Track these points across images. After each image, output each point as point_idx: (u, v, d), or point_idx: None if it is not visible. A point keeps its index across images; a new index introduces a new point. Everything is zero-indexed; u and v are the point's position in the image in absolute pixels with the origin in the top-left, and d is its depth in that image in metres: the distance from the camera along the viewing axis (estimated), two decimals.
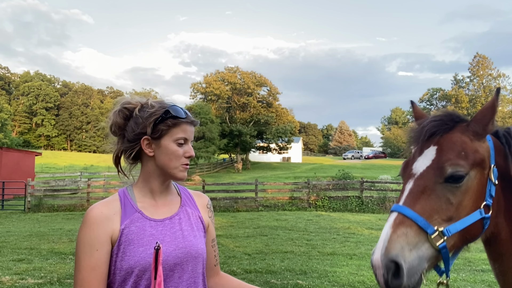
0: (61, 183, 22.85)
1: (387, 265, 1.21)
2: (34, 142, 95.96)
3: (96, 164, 62.92)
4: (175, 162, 1.43)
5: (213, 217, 1.66)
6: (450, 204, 1.27)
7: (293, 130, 56.31)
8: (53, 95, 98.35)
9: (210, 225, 1.61)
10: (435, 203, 1.27)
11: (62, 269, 6.58)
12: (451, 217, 1.27)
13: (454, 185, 1.28)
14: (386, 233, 1.25)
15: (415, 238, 1.23)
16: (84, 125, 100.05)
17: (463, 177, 1.28)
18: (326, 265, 7.06)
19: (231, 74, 54.83)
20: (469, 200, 1.29)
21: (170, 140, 1.42)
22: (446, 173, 1.28)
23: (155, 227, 1.40)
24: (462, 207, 1.28)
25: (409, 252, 1.22)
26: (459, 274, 6.51)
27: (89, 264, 1.31)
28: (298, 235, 10.23)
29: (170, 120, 1.42)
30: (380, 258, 1.22)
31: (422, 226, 1.23)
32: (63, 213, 15.97)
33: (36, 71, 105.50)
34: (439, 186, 1.28)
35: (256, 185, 17.71)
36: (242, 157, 54.29)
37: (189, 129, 1.46)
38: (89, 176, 27.01)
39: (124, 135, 1.46)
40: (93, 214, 1.36)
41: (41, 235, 9.87)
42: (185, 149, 1.45)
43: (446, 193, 1.28)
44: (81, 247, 1.34)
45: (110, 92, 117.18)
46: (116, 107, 1.48)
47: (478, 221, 1.29)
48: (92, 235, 1.34)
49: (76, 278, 1.32)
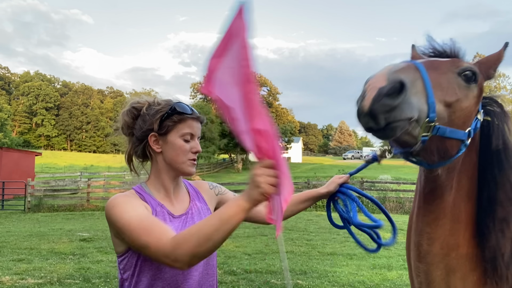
0: (61, 183, 22.84)
1: (394, 81, 1.07)
2: (34, 142, 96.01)
3: (96, 164, 62.94)
4: (182, 157, 1.45)
5: (220, 188, 1.73)
6: (454, 93, 1.23)
7: (293, 130, 56.37)
8: (53, 95, 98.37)
9: (222, 198, 1.69)
10: (444, 80, 1.23)
11: (62, 269, 6.58)
12: (450, 104, 1.22)
13: (463, 82, 1.26)
14: (393, 64, 1.18)
15: (420, 88, 1.15)
16: (84, 125, 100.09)
17: (472, 80, 1.27)
18: (326, 265, 7.06)
19: None
20: (464, 110, 1.26)
21: (176, 135, 1.45)
22: (461, 66, 1.27)
23: (174, 222, 1.45)
24: (458, 110, 1.24)
25: (414, 94, 1.13)
26: None
27: (140, 212, 1.33)
28: (298, 235, 10.23)
29: (176, 116, 1.45)
30: (386, 74, 1.09)
31: (427, 88, 1.16)
32: (63, 213, 15.96)
33: (36, 71, 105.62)
34: (452, 74, 1.26)
35: None
36: (242, 157, 54.30)
37: (195, 125, 1.50)
38: (89, 176, 27.01)
39: (133, 134, 1.50)
40: (122, 195, 1.40)
41: (41, 235, 9.87)
42: (192, 145, 1.48)
43: (455, 81, 1.26)
44: (123, 205, 1.33)
45: (110, 92, 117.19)
46: (125, 107, 1.53)
47: (459, 140, 1.26)
48: (133, 201, 1.38)
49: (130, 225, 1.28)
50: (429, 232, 1.35)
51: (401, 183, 21.15)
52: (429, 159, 1.28)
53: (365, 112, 1.08)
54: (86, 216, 14.63)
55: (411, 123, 1.13)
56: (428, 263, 1.36)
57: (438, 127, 1.18)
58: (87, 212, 16.21)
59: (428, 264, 1.36)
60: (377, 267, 6.93)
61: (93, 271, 6.42)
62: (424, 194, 1.38)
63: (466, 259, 1.34)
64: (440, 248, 1.34)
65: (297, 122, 68.58)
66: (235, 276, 6.07)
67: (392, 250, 8.47)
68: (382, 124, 1.08)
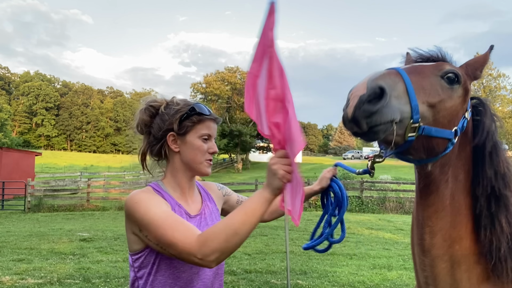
0: (61, 183, 22.86)
1: (373, 88, 1.16)
2: (34, 142, 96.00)
3: (96, 164, 62.93)
4: (200, 157, 1.48)
5: (226, 189, 1.78)
6: (437, 94, 1.29)
7: None
8: (53, 95, 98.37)
9: (228, 198, 1.75)
10: (427, 83, 1.29)
11: (62, 269, 6.58)
12: (433, 104, 1.27)
13: (446, 84, 1.32)
14: (375, 72, 1.24)
15: (401, 91, 1.22)
16: (84, 125, 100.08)
17: (455, 82, 1.33)
18: (326, 265, 7.06)
19: (231, 74, 54.83)
20: (448, 110, 1.31)
21: (195, 136, 1.47)
22: (443, 69, 1.33)
23: (190, 222, 1.46)
24: (442, 110, 1.29)
25: (395, 98, 1.20)
26: None
27: (164, 209, 1.35)
28: (298, 235, 10.22)
29: (195, 117, 1.47)
30: (366, 82, 1.18)
31: (409, 91, 1.22)
32: (63, 213, 15.96)
33: (36, 71, 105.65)
34: (434, 77, 1.32)
35: (256, 185, 17.70)
36: (242, 157, 54.29)
37: (212, 126, 1.52)
38: (89, 176, 27.04)
39: (150, 132, 1.51)
40: (142, 192, 1.41)
41: (41, 235, 9.87)
42: (209, 145, 1.51)
43: (438, 83, 1.31)
44: (146, 202, 1.35)
45: (110, 92, 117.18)
46: (141, 106, 1.54)
47: (446, 139, 1.31)
48: (156, 198, 1.40)
49: (153, 219, 1.29)
50: (430, 225, 1.39)
51: (401, 183, 21.14)
52: (418, 156, 1.34)
53: (349, 119, 1.18)
54: (86, 216, 14.63)
55: (394, 125, 1.19)
56: (433, 256, 1.39)
57: (423, 127, 1.24)
58: (87, 212, 16.21)
59: (432, 257, 1.39)
60: (377, 267, 6.93)
61: (93, 271, 6.42)
62: (419, 189, 1.43)
63: (470, 251, 1.38)
64: (443, 241, 1.37)
65: None
66: (235, 276, 6.07)
67: (392, 250, 8.47)
68: (365, 129, 1.17)
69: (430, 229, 1.39)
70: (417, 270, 1.48)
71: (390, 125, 1.18)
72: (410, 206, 16.76)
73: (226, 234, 1.20)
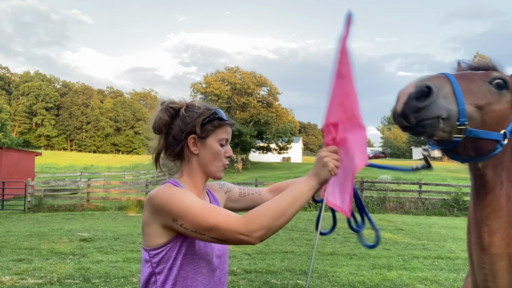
0: (61, 183, 22.87)
1: (421, 87, 1.25)
2: (34, 142, 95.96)
3: (96, 164, 62.94)
4: (218, 162, 1.54)
5: (227, 185, 1.82)
6: (485, 97, 1.34)
7: (293, 130, 56.30)
8: (53, 95, 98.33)
9: (230, 194, 1.79)
10: (474, 87, 1.35)
11: (62, 269, 6.58)
12: (481, 106, 1.33)
13: (494, 89, 1.37)
14: (424, 75, 1.32)
15: (448, 92, 1.29)
16: (84, 125, 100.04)
17: (504, 87, 1.38)
18: (326, 265, 7.06)
19: (231, 74, 54.81)
20: (496, 113, 1.36)
21: (214, 140, 1.53)
22: (492, 75, 1.39)
23: None
24: (490, 112, 1.34)
25: (442, 97, 1.27)
26: (459, 274, 6.51)
27: (197, 198, 1.40)
28: (298, 235, 10.23)
29: (217, 122, 1.54)
30: (415, 83, 1.27)
31: (456, 92, 1.29)
32: (63, 213, 15.97)
33: (36, 71, 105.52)
34: (482, 82, 1.38)
35: (256, 185, 17.72)
36: (242, 157, 54.27)
37: (229, 130, 1.60)
38: (89, 176, 27.05)
39: (169, 133, 1.55)
40: (170, 187, 1.43)
41: (41, 235, 9.87)
42: (226, 149, 1.57)
43: (486, 88, 1.36)
44: (184, 196, 1.38)
45: (110, 92, 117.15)
46: (160, 106, 1.57)
47: (494, 140, 1.35)
48: (186, 190, 1.43)
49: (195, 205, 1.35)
50: (489, 225, 1.44)
51: (401, 183, 21.14)
52: (466, 155, 1.39)
53: (398, 114, 1.29)
54: (86, 216, 14.64)
55: (441, 121, 1.27)
56: (492, 254, 1.43)
57: (470, 130, 1.30)
58: (87, 212, 16.21)
59: (492, 255, 1.43)
60: (377, 267, 6.93)
61: (93, 271, 6.42)
62: (475, 189, 1.48)
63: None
64: (502, 239, 1.42)
65: (297, 122, 68.44)
66: (235, 276, 6.07)
67: (392, 250, 8.47)
68: (413, 122, 1.27)
69: (488, 228, 1.44)
70: (475, 268, 1.52)
71: (437, 120, 1.26)
72: (410, 206, 16.77)
73: (275, 212, 1.29)
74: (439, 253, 8.12)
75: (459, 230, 11.40)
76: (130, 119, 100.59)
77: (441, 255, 7.91)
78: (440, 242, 9.61)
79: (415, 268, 6.89)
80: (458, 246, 9.03)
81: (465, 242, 1.59)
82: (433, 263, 7.28)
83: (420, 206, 16.79)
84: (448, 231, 11.39)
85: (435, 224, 12.93)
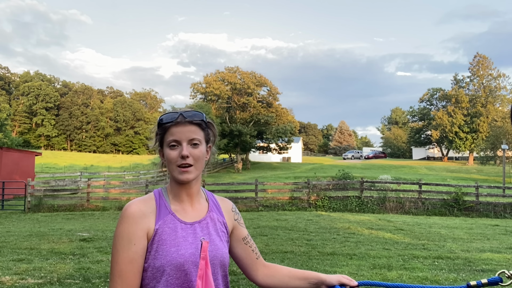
0: (61, 183, 22.85)
1: None
2: (34, 142, 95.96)
3: (96, 164, 62.93)
4: (172, 166, 1.49)
5: (240, 218, 1.71)
6: None
7: (293, 130, 56.28)
8: (53, 95, 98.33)
9: (237, 226, 1.67)
10: None
11: (62, 269, 6.58)
12: None
13: None
14: None
15: None
16: (84, 125, 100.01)
17: None
18: (326, 265, 7.06)
19: (231, 74, 54.79)
20: None
21: (166, 145, 1.50)
22: None
23: (185, 230, 1.47)
24: None
25: None
26: (459, 274, 6.51)
27: (126, 257, 1.41)
28: (298, 235, 10.23)
29: (160, 129, 1.51)
30: None
31: None
32: (63, 213, 15.97)
33: (36, 71, 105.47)
34: None
35: (256, 185, 17.71)
36: (242, 157, 54.26)
37: (177, 130, 1.48)
38: (89, 176, 27.02)
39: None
40: (132, 210, 1.44)
41: (41, 235, 9.87)
42: (178, 151, 1.47)
43: None
44: (119, 241, 1.42)
45: (110, 92, 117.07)
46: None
47: None
48: (130, 230, 1.42)
49: (114, 270, 1.43)
50: None
51: (401, 183, 21.15)
52: None
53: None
54: (86, 216, 14.64)
55: None
56: None
57: None
58: (87, 212, 16.21)
59: None
60: (377, 267, 6.93)
61: (93, 271, 6.42)
62: None
63: None
64: None
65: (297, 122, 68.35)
66: (235, 276, 6.07)
67: (392, 250, 8.47)
68: None
69: None
70: None
71: None
72: (410, 206, 16.78)
73: None
74: (439, 253, 8.12)
75: (459, 230, 11.40)
76: (130, 119, 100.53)
77: (441, 255, 7.90)
78: (440, 242, 9.61)
79: (415, 268, 6.89)
80: (458, 246, 9.02)
81: (465, 242, 1.58)
82: (433, 263, 7.28)
83: (420, 206, 16.79)
84: (448, 231, 11.38)
85: (435, 224, 12.93)
